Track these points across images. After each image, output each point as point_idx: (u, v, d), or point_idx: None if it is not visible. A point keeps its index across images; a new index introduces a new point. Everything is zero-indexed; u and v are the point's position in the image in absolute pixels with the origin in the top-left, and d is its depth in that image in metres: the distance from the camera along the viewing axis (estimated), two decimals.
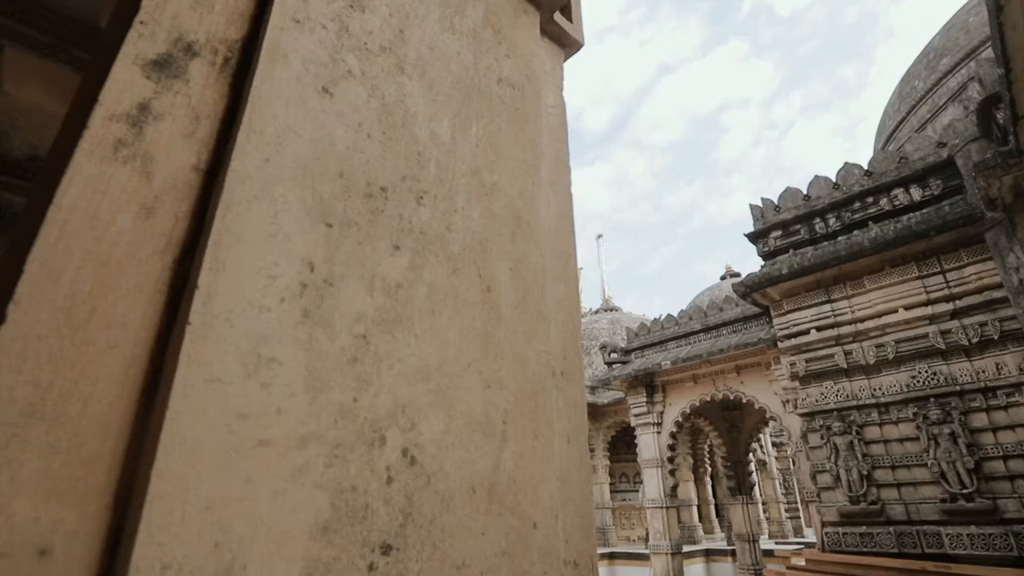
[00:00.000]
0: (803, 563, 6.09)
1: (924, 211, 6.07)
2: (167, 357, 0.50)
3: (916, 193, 6.21)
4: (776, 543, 14.28)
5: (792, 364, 6.85)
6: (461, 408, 0.67)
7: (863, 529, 5.97)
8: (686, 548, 13.05)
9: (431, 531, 0.59)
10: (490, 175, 0.85)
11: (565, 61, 1.32)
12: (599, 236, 30.62)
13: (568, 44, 1.25)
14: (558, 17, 1.20)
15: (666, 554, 10.45)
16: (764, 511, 16.44)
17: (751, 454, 13.86)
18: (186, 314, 0.50)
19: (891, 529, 5.77)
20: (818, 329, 6.68)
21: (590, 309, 29.99)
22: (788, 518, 16.59)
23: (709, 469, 16.33)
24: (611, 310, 22.13)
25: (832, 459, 6.31)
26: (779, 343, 7.16)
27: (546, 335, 0.83)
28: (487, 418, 0.70)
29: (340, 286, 0.61)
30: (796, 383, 6.98)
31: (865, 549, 5.90)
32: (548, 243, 0.95)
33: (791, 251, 7.01)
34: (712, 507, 17.10)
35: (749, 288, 7.14)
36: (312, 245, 0.60)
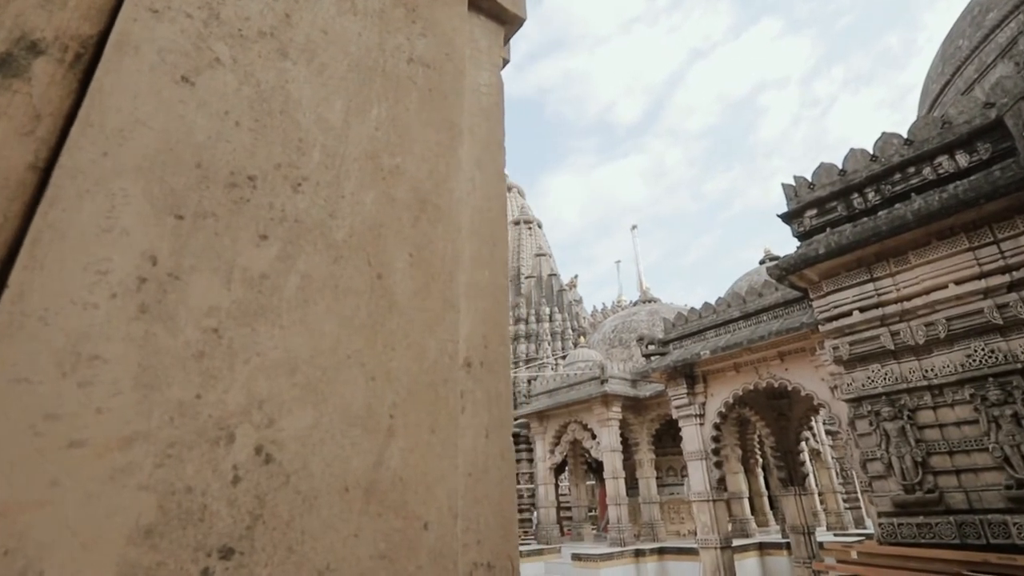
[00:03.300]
0: (855, 556, 5.79)
1: (972, 178, 5.66)
2: None
3: (962, 159, 5.80)
4: (835, 535, 13.69)
5: (835, 348, 6.53)
6: (336, 402, 0.64)
7: (920, 519, 5.62)
8: (739, 541, 12.66)
9: (287, 533, 0.56)
10: (391, 158, 0.81)
11: (511, 37, 1.27)
12: (634, 227, 30.07)
13: (508, 20, 1.19)
14: None
15: (715, 548, 10.17)
16: (821, 502, 15.79)
17: (803, 443, 13.34)
18: None
19: (951, 519, 5.41)
20: (861, 310, 6.34)
21: (629, 301, 29.53)
22: (847, 508, 15.88)
23: (760, 460, 15.80)
24: (649, 301, 21.70)
25: (883, 446, 5.98)
26: (820, 327, 6.84)
27: (454, 323, 0.78)
28: (370, 412, 0.66)
29: (189, 279, 0.59)
30: (841, 368, 6.65)
31: (923, 540, 5.56)
32: (467, 227, 0.90)
33: (828, 230, 6.67)
34: (765, 499, 16.55)
35: (785, 271, 6.84)
36: (157, 238, 0.58)
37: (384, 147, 0.81)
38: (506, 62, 1.32)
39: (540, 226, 35.45)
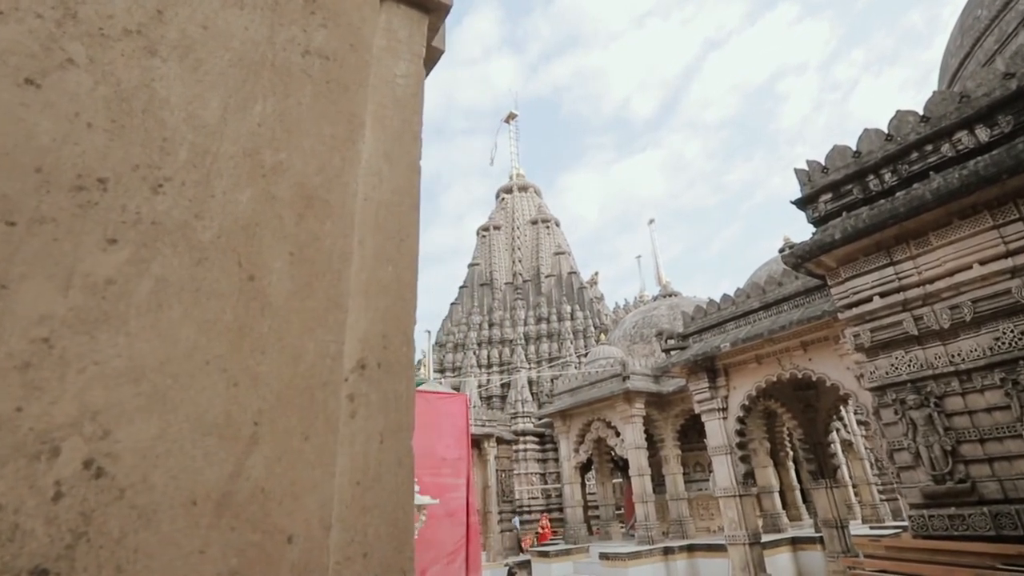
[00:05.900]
0: (883, 551, 5.58)
1: (994, 153, 5.39)
2: None
3: (982, 134, 5.54)
4: (870, 528, 13.27)
5: (856, 335, 6.31)
6: (188, 410, 0.61)
7: (952, 511, 5.39)
8: (770, 537, 12.37)
9: (116, 551, 0.53)
10: (275, 154, 0.78)
11: (439, 25, 1.22)
12: (651, 221, 29.71)
13: (433, 8, 1.15)
14: None
15: (743, 544, 9.95)
16: (855, 494, 15.34)
17: (834, 434, 12.97)
18: None
19: (985, 509, 5.17)
20: (881, 295, 6.11)
21: (651, 297, 29.19)
22: (883, 500, 15.38)
23: (790, 453, 15.41)
24: (670, 295, 21.39)
25: (909, 435, 5.75)
26: (839, 314, 6.62)
27: (339, 323, 0.75)
28: (229, 420, 0.63)
29: (18, 288, 0.56)
30: (863, 355, 6.42)
31: (956, 533, 5.32)
32: (371, 221, 0.87)
33: (844, 214, 6.45)
34: (797, 493, 16.14)
35: (800, 258, 6.64)
36: None
37: (267, 143, 0.78)
38: (440, 52, 1.28)
39: (558, 224, 35.29)
